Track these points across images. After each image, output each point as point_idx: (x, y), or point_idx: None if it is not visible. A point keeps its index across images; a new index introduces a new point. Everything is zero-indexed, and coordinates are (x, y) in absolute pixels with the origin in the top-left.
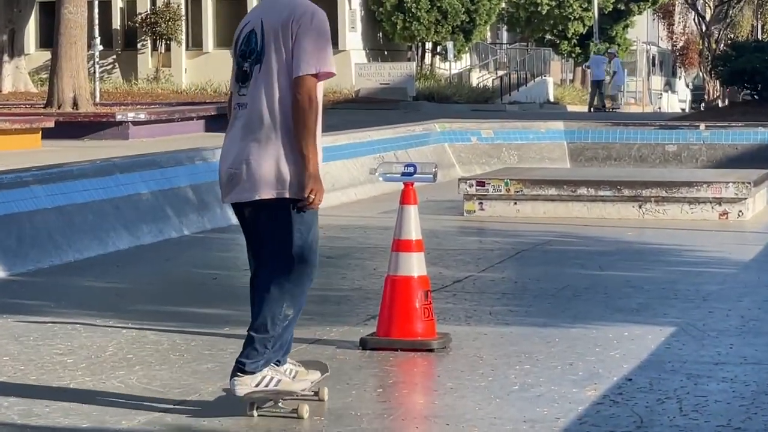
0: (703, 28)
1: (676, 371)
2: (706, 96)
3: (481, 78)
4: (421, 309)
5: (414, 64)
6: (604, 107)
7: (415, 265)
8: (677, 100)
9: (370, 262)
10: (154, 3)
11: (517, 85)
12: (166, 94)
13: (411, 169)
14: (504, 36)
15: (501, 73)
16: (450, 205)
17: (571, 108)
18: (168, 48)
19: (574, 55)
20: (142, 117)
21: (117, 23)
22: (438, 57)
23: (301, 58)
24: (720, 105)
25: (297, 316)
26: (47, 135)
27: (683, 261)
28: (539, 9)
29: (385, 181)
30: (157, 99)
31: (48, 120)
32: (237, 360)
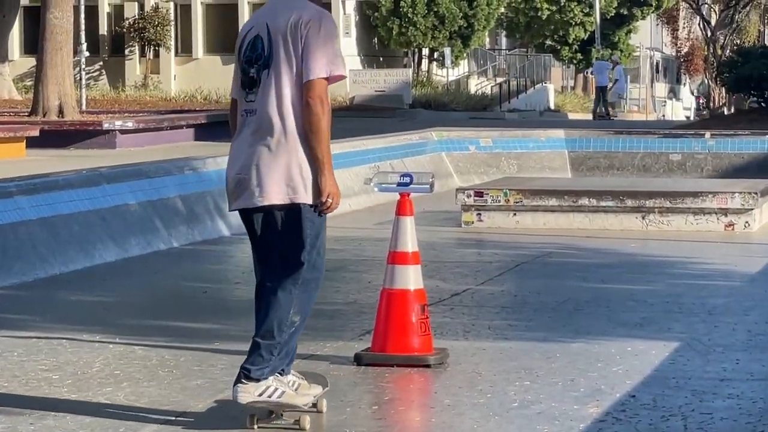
0: (709, 34)
1: (681, 387)
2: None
3: (480, 85)
4: (418, 323)
5: (410, 70)
6: (608, 114)
7: (411, 278)
8: (682, 108)
9: (365, 275)
10: (142, 8)
11: (517, 93)
12: (155, 102)
13: (407, 179)
14: (503, 42)
15: (500, 79)
16: (447, 216)
17: (573, 116)
18: (156, 54)
19: (575, 61)
20: (130, 125)
21: (104, 29)
22: (435, 63)
23: (311, 62)
24: (726, 113)
25: (303, 324)
26: (32, 144)
27: (688, 274)
28: (539, 14)
29: (381, 191)
30: (145, 107)
31: (33, 128)
32: (242, 367)
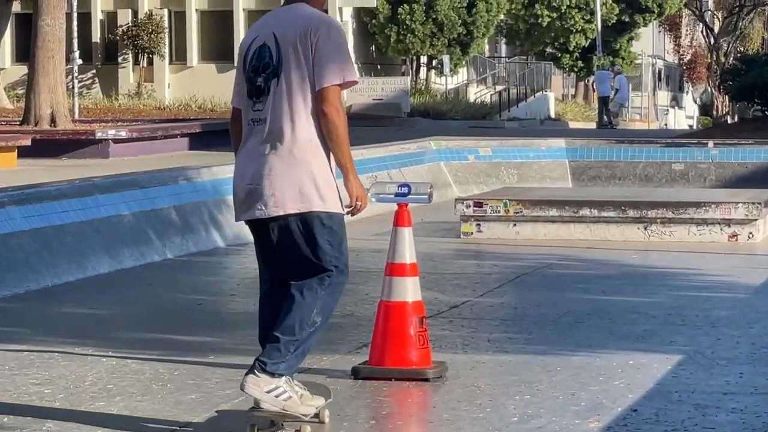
0: (712, 41)
1: (684, 402)
2: (714, 112)
3: (479, 93)
4: (416, 336)
5: (408, 78)
6: (611, 124)
7: (409, 289)
8: (684, 116)
9: (362, 287)
10: (135, 15)
11: (517, 101)
12: (149, 111)
13: (405, 189)
14: (503, 49)
15: (500, 88)
16: (446, 227)
17: (574, 124)
18: (150, 62)
19: (576, 69)
20: (123, 134)
21: (97, 36)
22: (434, 71)
23: (324, 70)
24: (729, 121)
25: (323, 326)
26: (24, 153)
27: (691, 285)
28: (539, 21)
29: (378, 201)
30: (138, 115)
31: (24, 138)
32: (257, 359)
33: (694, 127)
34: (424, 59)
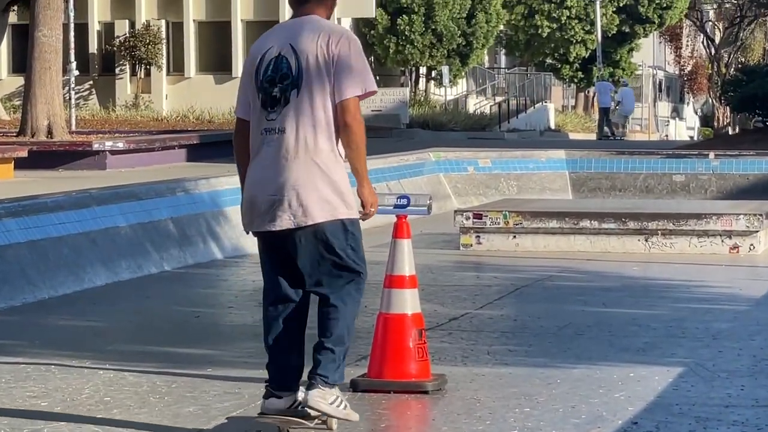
0: (713, 52)
1: (685, 414)
2: (715, 123)
3: (479, 104)
4: (415, 348)
5: (407, 89)
6: (614, 135)
7: (408, 302)
8: (685, 127)
9: (361, 299)
10: (133, 26)
11: (517, 112)
12: (146, 122)
13: (404, 200)
14: (502, 60)
15: (499, 99)
16: (445, 239)
17: (574, 136)
18: (148, 73)
19: (576, 80)
20: (121, 146)
21: (94, 47)
22: (433, 82)
23: (346, 81)
24: (730, 132)
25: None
26: (20, 165)
27: (692, 297)
28: (539, 32)
29: (377, 213)
30: (136, 127)
31: (21, 149)
32: (316, 374)
33: (695, 138)
34: (423, 70)
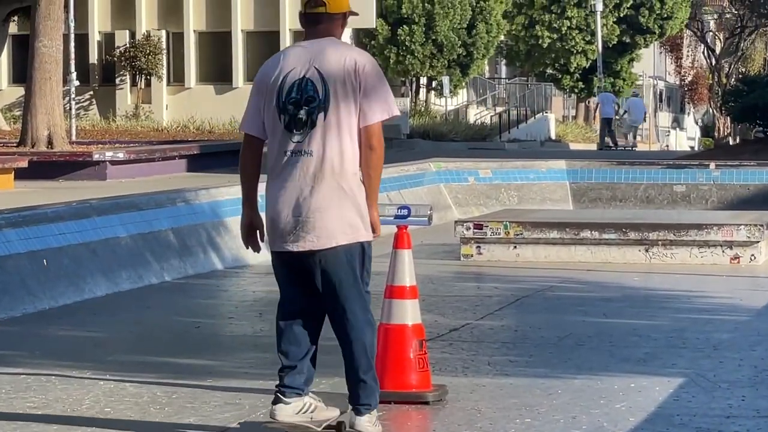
0: (713, 62)
1: (685, 425)
2: (716, 133)
3: (479, 114)
4: (416, 359)
5: (408, 99)
6: (616, 145)
7: (409, 312)
8: (686, 138)
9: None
10: (133, 36)
11: (517, 122)
12: (146, 132)
13: (405, 211)
14: (503, 70)
15: (500, 109)
16: (446, 249)
17: (574, 146)
18: (148, 83)
19: (576, 90)
20: (121, 156)
21: (94, 57)
22: (433, 92)
23: (372, 106)
24: (731, 142)
25: None
26: (20, 175)
27: (692, 308)
28: (540, 42)
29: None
30: (136, 137)
31: (21, 159)
32: (359, 405)
33: (696, 148)
34: (423, 80)
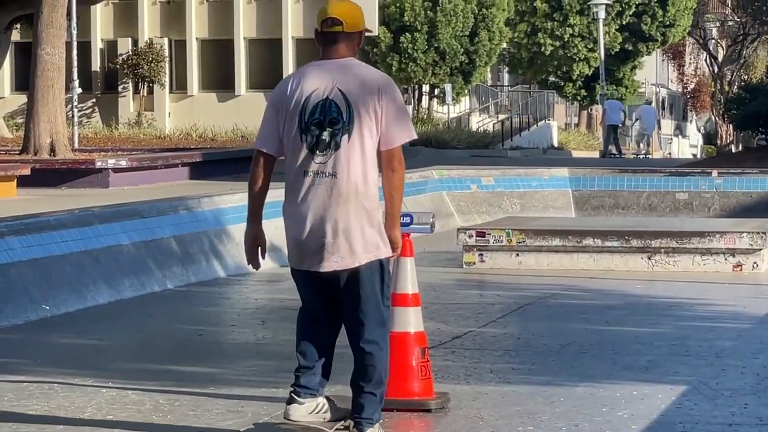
0: (716, 70)
1: None
2: (718, 140)
3: (482, 122)
4: (418, 367)
5: (410, 107)
6: (620, 153)
7: (411, 320)
8: (688, 145)
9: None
10: (135, 44)
11: (520, 130)
12: (149, 140)
13: (407, 219)
14: (505, 78)
15: (502, 116)
16: (448, 257)
17: (577, 153)
18: (150, 91)
19: (579, 97)
20: (123, 164)
21: (97, 65)
22: (436, 100)
23: (394, 130)
24: (733, 150)
25: None
26: (23, 183)
27: (695, 315)
28: (542, 50)
29: None
30: (139, 144)
31: (24, 167)
32: (362, 418)
33: (698, 156)
34: (426, 88)
